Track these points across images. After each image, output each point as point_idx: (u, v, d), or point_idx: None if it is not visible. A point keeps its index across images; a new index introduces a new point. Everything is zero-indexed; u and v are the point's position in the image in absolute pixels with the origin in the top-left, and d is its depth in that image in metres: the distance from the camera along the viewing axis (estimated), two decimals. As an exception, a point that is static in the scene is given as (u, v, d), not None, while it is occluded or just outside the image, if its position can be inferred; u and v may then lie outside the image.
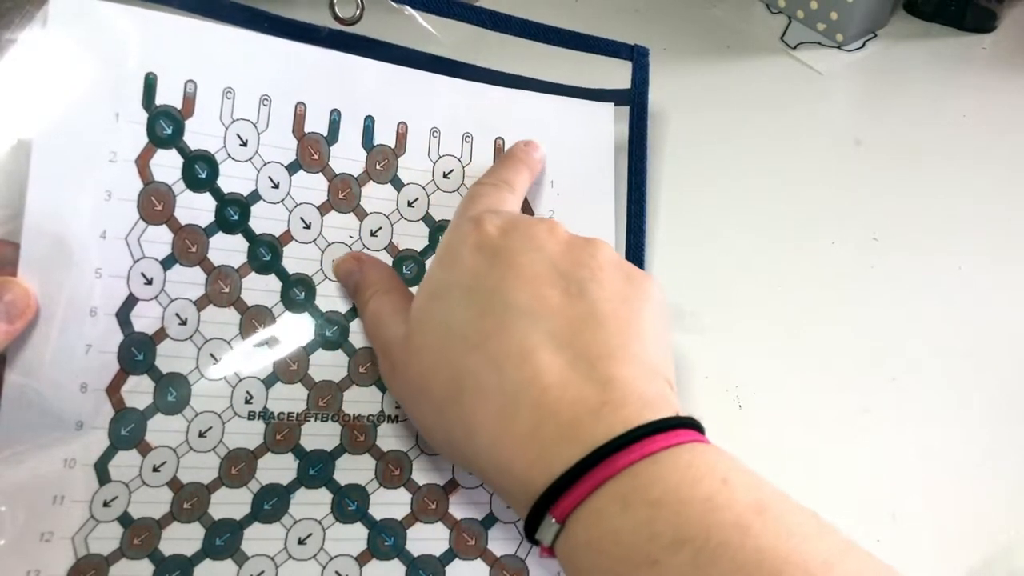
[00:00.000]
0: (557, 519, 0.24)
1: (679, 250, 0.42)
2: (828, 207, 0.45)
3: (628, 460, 0.23)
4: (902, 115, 0.51)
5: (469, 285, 0.28)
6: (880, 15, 0.56)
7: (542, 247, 0.29)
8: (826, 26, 0.55)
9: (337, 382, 0.32)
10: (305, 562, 0.30)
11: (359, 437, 0.31)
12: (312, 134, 0.33)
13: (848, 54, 0.54)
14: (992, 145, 0.49)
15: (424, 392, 0.28)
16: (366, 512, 0.31)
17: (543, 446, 0.25)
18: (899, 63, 0.54)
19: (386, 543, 0.30)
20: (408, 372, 0.29)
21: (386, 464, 0.31)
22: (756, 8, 0.58)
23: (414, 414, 0.29)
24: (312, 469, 0.31)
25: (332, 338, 0.32)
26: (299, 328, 0.32)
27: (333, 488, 0.31)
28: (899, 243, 0.43)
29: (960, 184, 0.46)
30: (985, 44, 0.56)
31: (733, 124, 0.50)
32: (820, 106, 0.52)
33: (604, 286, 0.28)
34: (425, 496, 0.31)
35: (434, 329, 0.28)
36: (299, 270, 0.32)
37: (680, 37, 0.55)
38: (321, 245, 0.32)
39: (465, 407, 0.26)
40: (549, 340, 0.26)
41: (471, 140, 0.35)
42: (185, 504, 0.29)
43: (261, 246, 0.31)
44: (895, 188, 0.46)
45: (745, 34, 0.56)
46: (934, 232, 0.44)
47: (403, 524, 0.31)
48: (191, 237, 0.30)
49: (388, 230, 0.33)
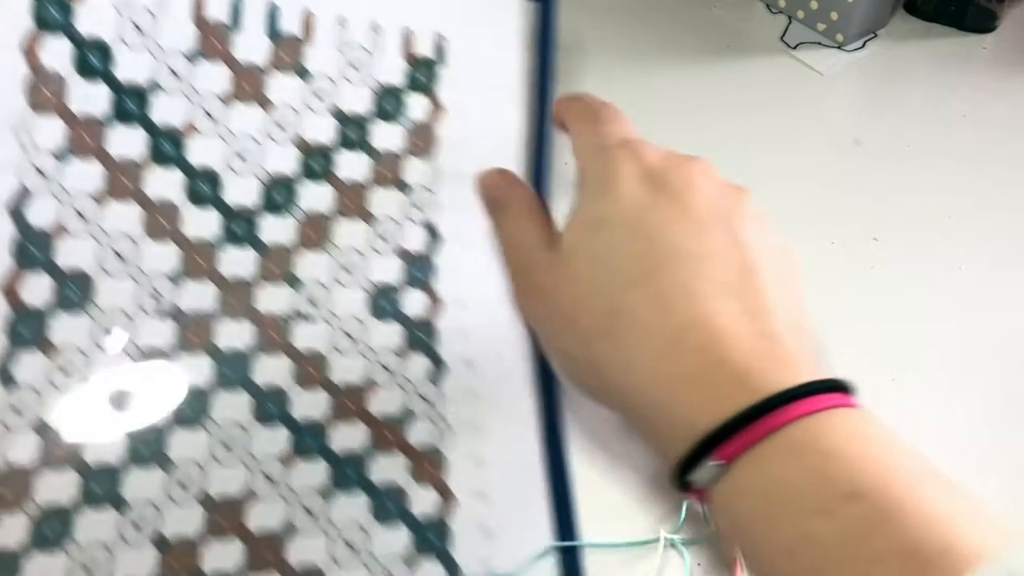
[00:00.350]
0: (724, 461, 0.24)
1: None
2: (828, 207, 0.45)
3: (800, 411, 0.23)
4: (902, 115, 0.51)
5: (632, 219, 0.28)
6: (880, 15, 0.56)
7: (702, 187, 0.28)
8: (826, 26, 0.55)
9: (248, 279, 0.30)
10: (231, 468, 0.29)
11: (274, 337, 0.30)
12: (213, 21, 0.31)
13: (848, 54, 0.54)
14: (992, 145, 0.49)
15: (571, 321, 0.28)
16: (286, 413, 0.30)
17: (711, 388, 0.25)
18: (899, 63, 0.54)
19: (308, 443, 0.30)
20: (554, 298, 0.28)
21: (304, 366, 0.30)
22: (756, 8, 0.58)
23: (552, 340, 0.29)
24: (228, 369, 0.29)
25: (241, 234, 0.30)
26: (206, 223, 0.30)
27: (252, 390, 0.29)
28: (899, 243, 0.43)
29: (960, 184, 0.46)
30: (985, 44, 0.56)
31: (733, 124, 0.50)
32: (820, 106, 0.52)
33: (762, 238, 0.28)
34: (345, 396, 0.30)
35: (591, 260, 0.28)
36: (204, 163, 0.30)
37: (680, 37, 0.55)
38: (226, 137, 0.31)
39: (621, 341, 0.26)
40: (715, 285, 0.26)
41: (379, 31, 0.33)
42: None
43: (162, 138, 0.30)
44: (895, 188, 0.46)
45: (745, 34, 0.56)
46: (934, 232, 0.44)
47: (325, 424, 0.30)
48: (87, 129, 0.29)
49: (296, 123, 0.32)
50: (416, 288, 0.32)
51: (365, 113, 0.33)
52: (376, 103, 0.33)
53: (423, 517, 0.30)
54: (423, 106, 0.33)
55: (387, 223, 0.32)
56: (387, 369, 0.31)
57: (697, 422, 0.24)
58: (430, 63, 0.34)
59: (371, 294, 0.31)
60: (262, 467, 0.29)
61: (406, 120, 0.33)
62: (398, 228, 0.32)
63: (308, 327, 0.30)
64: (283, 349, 0.30)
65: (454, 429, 0.31)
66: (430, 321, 0.32)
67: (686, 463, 0.25)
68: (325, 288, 0.31)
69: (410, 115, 0.33)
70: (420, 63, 0.34)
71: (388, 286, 0.31)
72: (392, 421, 0.30)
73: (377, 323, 0.31)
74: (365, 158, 0.32)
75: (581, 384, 0.29)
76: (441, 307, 0.32)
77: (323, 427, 0.30)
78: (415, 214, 0.33)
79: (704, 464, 0.24)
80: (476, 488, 0.31)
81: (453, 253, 0.33)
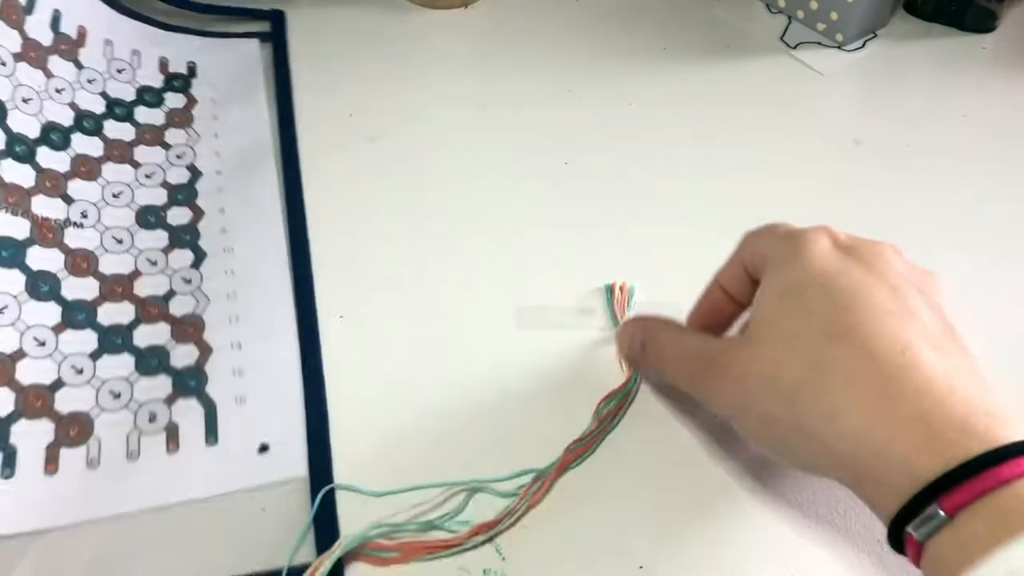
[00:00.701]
0: (946, 512, 0.23)
1: (678, 249, 0.42)
2: (828, 207, 0.45)
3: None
4: (902, 115, 0.51)
5: (825, 283, 0.28)
6: (880, 15, 0.56)
7: (892, 260, 0.30)
8: (826, 26, 0.55)
9: (25, 187, 0.39)
10: (3, 328, 0.35)
11: (47, 235, 0.38)
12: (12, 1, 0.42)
13: (848, 54, 0.54)
14: (992, 145, 0.49)
15: (773, 382, 0.28)
16: (58, 292, 0.37)
17: (935, 430, 0.24)
18: (899, 63, 0.54)
19: (78, 317, 0.37)
20: (750, 367, 0.29)
21: (74, 258, 0.38)
22: (756, 8, 0.58)
23: (750, 410, 0.29)
24: (4, 251, 0.36)
25: (21, 153, 0.39)
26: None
27: (25, 271, 0.37)
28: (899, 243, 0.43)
29: (960, 184, 0.46)
30: (985, 44, 0.56)
31: (733, 124, 0.50)
32: (820, 106, 0.52)
33: (954, 306, 0.29)
34: (112, 283, 0.39)
35: (786, 324, 0.28)
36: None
37: (680, 37, 0.56)
38: (13, 83, 0.41)
39: (827, 387, 0.26)
40: (922, 338, 0.26)
41: (138, 54, 0.48)
42: None
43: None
44: (895, 188, 0.46)
45: (745, 34, 0.56)
46: (934, 232, 0.44)
47: (93, 303, 0.38)
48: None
49: (70, 93, 0.43)
50: (181, 206, 0.43)
51: (128, 100, 0.46)
52: (138, 95, 0.47)
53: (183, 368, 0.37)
54: (180, 99, 0.48)
55: (151, 167, 0.44)
56: (152, 262, 0.40)
57: (921, 465, 0.24)
58: (183, 76, 0.49)
59: (137, 212, 0.42)
60: (33, 333, 0.35)
61: (165, 107, 0.47)
62: (162, 171, 0.44)
63: (79, 231, 0.39)
64: (56, 245, 0.38)
65: (211, 299, 0.39)
66: (194, 226, 0.42)
67: (905, 512, 0.24)
68: (95, 206, 0.41)
69: (169, 104, 0.47)
70: (174, 76, 0.49)
71: (154, 207, 0.42)
72: (157, 299, 0.39)
73: (143, 231, 0.41)
74: (129, 127, 0.45)
75: (784, 447, 0.29)
76: (202, 215, 0.43)
77: (91, 304, 0.38)
78: (177, 162, 0.45)
79: (925, 513, 0.24)
80: (231, 341, 0.38)
81: (211, 182, 0.44)
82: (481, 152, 0.48)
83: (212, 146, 0.46)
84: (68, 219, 0.39)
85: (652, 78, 0.53)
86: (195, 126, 0.47)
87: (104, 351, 0.36)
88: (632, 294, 0.40)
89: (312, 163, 0.46)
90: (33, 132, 0.41)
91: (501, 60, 0.54)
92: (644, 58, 0.54)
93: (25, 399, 0.34)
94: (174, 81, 0.49)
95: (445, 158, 0.47)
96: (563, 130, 0.49)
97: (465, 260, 0.42)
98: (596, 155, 0.48)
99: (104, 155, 0.43)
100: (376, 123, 0.49)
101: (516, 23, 0.56)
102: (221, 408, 0.36)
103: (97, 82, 0.45)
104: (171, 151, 0.45)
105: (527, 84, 0.52)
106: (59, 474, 0.33)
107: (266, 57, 0.52)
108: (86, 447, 0.34)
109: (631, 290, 0.40)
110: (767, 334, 0.29)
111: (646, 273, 0.41)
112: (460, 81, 0.53)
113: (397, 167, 0.46)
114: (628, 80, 0.52)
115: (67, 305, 0.37)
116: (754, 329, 0.30)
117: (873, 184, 0.46)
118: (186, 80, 0.49)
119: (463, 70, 0.53)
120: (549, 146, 0.48)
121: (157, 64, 0.49)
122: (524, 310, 0.40)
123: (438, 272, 0.41)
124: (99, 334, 0.37)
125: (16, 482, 0.32)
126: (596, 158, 0.48)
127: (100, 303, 0.38)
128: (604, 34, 0.56)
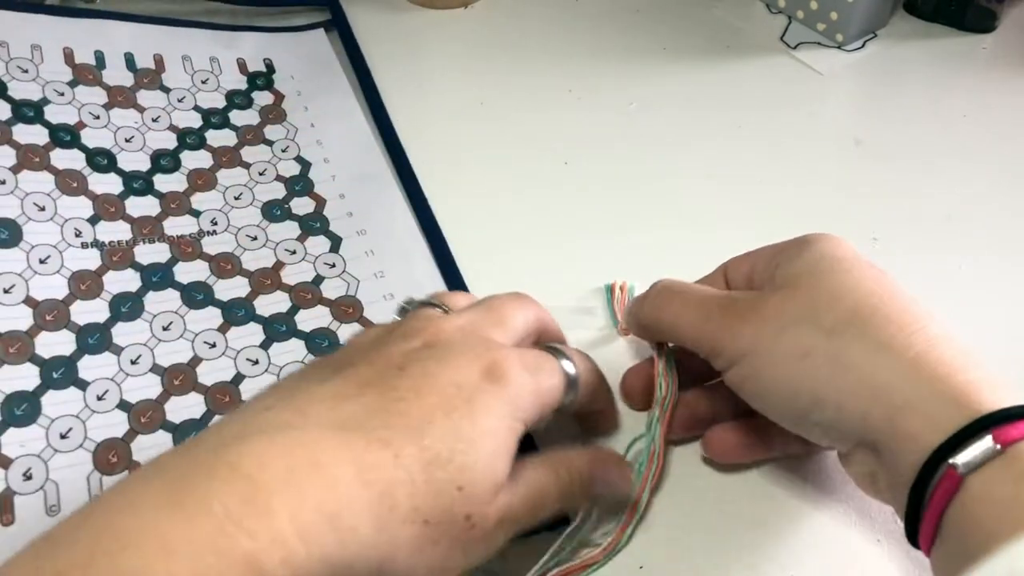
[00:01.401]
0: (1000, 443, 0.23)
1: (678, 249, 0.42)
2: (828, 207, 0.45)
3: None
4: (902, 115, 0.51)
5: (858, 255, 0.30)
6: (880, 15, 0.56)
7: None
8: (826, 26, 0.55)
9: (153, 216, 0.42)
10: (173, 342, 0.38)
11: (186, 250, 0.41)
12: (82, 64, 0.46)
13: (848, 54, 0.54)
14: (992, 145, 0.49)
15: (810, 318, 0.28)
16: (213, 297, 0.40)
17: (986, 370, 0.25)
18: (899, 63, 0.54)
19: (238, 314, 0.39)
20: (785, 305, 0.29)
21: (218, 263, 0.41)
22: (756, 8, 0.58)
23: (774, 347, 0.29)
24: (154, 277, 0.40)
25: (139, 188, 0.43)
26: (110, 184, 0.43)
27: (177, 287, 0.40)
28: (899, 243, 0.43)
29: (960, 184, 0.46)
30: (985, 44, 0.56)
31: (733, 124, 0.50)
32: (820, 106, 0.52)
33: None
34: (259, 277, 0.41)
35: (827, 277, 0.29)
36: (99, 144, 0.44)
37: (680, 37, 0.56)
38: (111, 129, 0.45)
39: (877, 324, 0.27)
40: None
41: (216, 61, 0.50)
42: (48, 316, 0.37)
43: (61, 131, 0.43)
44: (895, 188, 0.46)
45: (745, 34, 0.56)
46: (934, 232, 0.44)
47: (247, 298, 0.40)
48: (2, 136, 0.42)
49: (167, 118, 0.47)
50: (301, 196, 0.45)
51: (220, 107, 0.48)
52: (228, 100, 0.49)
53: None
54: (267, 97, 0.50)
55: (262, 165, 0.46)
56: (291, 252, 0.42)
57: (971, 397, 0.24)
58: (264, 74, 0.51)
59: (261, 208, 0.44)
60: (203, 338, 0.38)
61: (256, 106, 0.49)
62: (273, 167, 0.46)
63: (214, 239, 0.42)
64: (197, 257, 0.41)
65: (360, 280, 0.41)
66: (320, 213, 0.44)
67: (948, 445, 0.24)
68: (221, 212, 0.43)
69: (259, 102, 0.49)
70: (256, 75, 0.51)
71: (276, 200, 0.44)
72: (308, 285, 0.41)
73: (273, 224, 0.43)
74: (229, 132, 0.47)
75: (802, 385, 0.28)
76: (324, 203, 0.45)
77: (246, 300, 0.40)
78: (284, 155, 0.47)
79: (973, 444, 0.23)
80: (391, 318, 0.36)
81: (322, 170, 0.46)
82: (481, 152, 0.48)
83: (312, 136, 0.48)
84: (201, 230, 0.42)
85: (652, 78, 0.53)
86: (290, 119, 0.49)
87: (272, 340, 0.39)
88: (632, 294, 0.40)
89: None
90: (144, 165, 0.44)
91: (501, 60, 0.54)
92: (644, 58, 0.54)
93: (213, 399, 0.36)
94: (257, 80, 0.50)
95: (445, 158, 0.47)
96: (563, 130, 0.49)
97: (464, 260, 0.42)
98: (596, 155, 0.48)
99: (215, 163, 0.46)
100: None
101: (516, 23, 0.56)
102: None
103: (187, 99, 0.48)
104: (275, 146, 0.47)
105: (527, 84, 0.52)
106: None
107: (335, 44, 0.54)
108: None
109: (631, 290, 0.40)
110: (804, 282, 0.29)
111: (646, 273, 0.41)
112: (460, 81, 0.53)
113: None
114: (628, 80, 0.52)
115: (224, 306, 0.39)
116: (789, 279, 0.30)
117: (873, 184, 0.46)
118: (267, 77, 0.51)
119: (462, 70, 0.53)
120: (549, 146, 0.48)
121: (236, 66, 0.51)
122: (524, 310, 0.40)
123: (438, 272, 0.41)
124: (263, 325, 0.39)
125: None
126: (596, 158, 0.48)
127: (254, 296, 0.40)
128: (604, 34, 0.56)
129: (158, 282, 0.40)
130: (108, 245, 0.40)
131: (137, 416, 0.35)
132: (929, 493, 0.24)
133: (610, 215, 0.44)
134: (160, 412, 0.36)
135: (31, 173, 0.41)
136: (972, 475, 0.23)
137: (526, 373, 0.28)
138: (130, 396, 0.36)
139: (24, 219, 0.39)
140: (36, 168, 0.41)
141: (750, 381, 0.29)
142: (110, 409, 0.35)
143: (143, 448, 0.34)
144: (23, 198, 0.40)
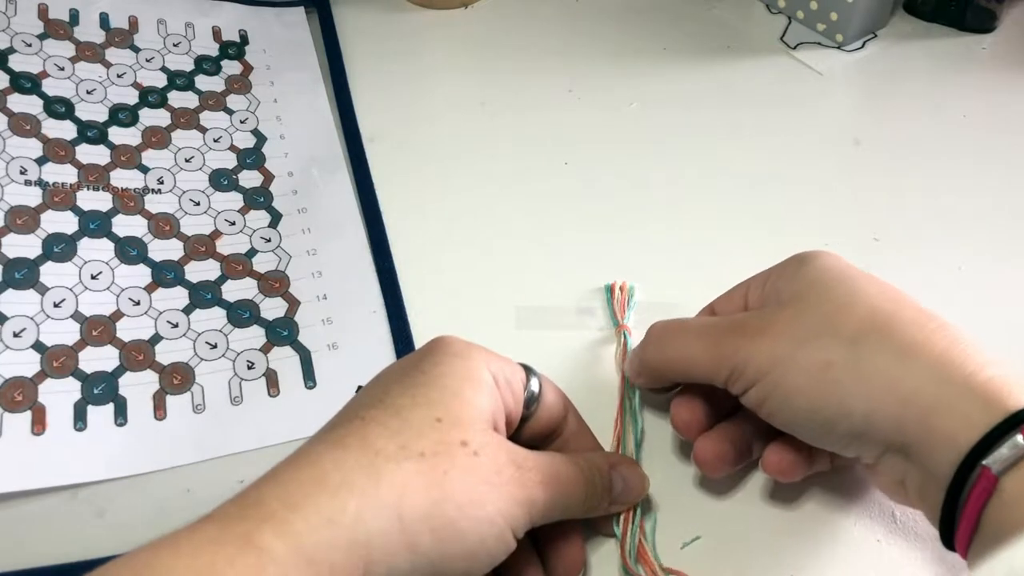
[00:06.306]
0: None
1: (678, 249, 0.42)
2: (828, 207, 0.45)
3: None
4: (902, 115, 0.51)
5: (860, 272, 0.31)
6: (880, 15, 0.56)
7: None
8: (826, 26, 0.55)
9: (101, 164, 0.42)
10: (99, 292, 0.38)
11: (129, 203, 0.41)
12: (55, 19, 0.47)
13: (848, 54, 0.54)
14: (992, 145, 0.49)
15: (828, 331, 0.28)
16: (146, 255, 0.40)
17: (1002, 366, 0.25)
18: (899, 63, 0.54)
19: (168, 276, 0.40)
20: (799, 320, 0.29)
21: (157, 222, 0.41)
22: (756, 8, 0.58)
23: (793, 363, 0.28)
24: (92, 224, 0.40)
25: (93, 136, 0.43)
26: (64, 130, 0.43)
27: (113, 239, 0.40)
28: (899, 243, 0.43)
29: (960, 184, 0.46)
30: (985, 44, 0.56)
31: (733, 124, 0.50)
32: (820, 106, 0.52)
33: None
34: (195, 242, 0.41)
35: (836, 288, 0.29)
36: (59, 94, 0.44)
37: (680, 37, 0.55)
38: (74, 81, 0.45)
39: (899, 330, 0.27)
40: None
41: (191, 27, 0.50)
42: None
43: (22, 79, 0.44)
44: (895, 188, 0.46)
45: (745, 34, 0.56)
46: (934, 232, 0.44)
47: (179, 262, 0.40)
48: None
49: (132, 75, 0.47)
50: (251, 170, 0.45)
51: (187, 70, 0.49)
52: (196, 64, 0.49)
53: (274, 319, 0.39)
54: (236, 66, 0.50)
55: (218, 132, 0.46)
56: (231, 223, 0.42)
57: (1000, 395, 0.24)
58: (236, 44, 0.51)
59: (209, 175, 0.44)
60: (128, 294, 0.38)
61: (223, 74, 0.49)
62: (229, 136, 0.46)
63: (157, 196, 0.42)
64: (138, 212, 0.41)
65: (292, 256, 0.42)
66: (266, 188, 0.45)
67: (982, 445, 0.24)
68: (170, 172, 0.44)
69: (226, 71, 0.50)
70: (228, 44, 0.51)
71: (225, 170, 0.45)
72: (240, 257, 0.41)
73: (218, 193, 0.44)
74: (192, 94, 0.48)
75: (828, 399, 0.28)
76: (272, 179, 0.45)
77: (178, 263, 0.40)
78: (242, 126, 0.47)
79: (1005, 443, 0.24)
80: (317, 294, 0.40)
81: (276, 146, 0.47)
82: (481, 152, 0.48)
83: (273, 111, 0.48)
84: (146, 187, 0.43)
85: (652, 78, 0.53)
86: (254, 92, 0.49)
87: (196, 306, 0.39)
88: (632, 294, 0.40)
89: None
90: (102, 116, 0.44)
91: (501, 60, 0.54)
92: (644, 58, 0.54)
93: (128, 354, 0.37)
94: (228, 49, 0.51)
95: (445, 157, 0.47)
96: (563, 130, 0.49)
97: (464, 260, 0.42)
98: (596, 155, 0.48)
99: (172, 123, 0.46)
100: (374, 122, 0.49)
101: (516, 23, 0.56)
102: (315, 354, 0.38)
103: (156, 59, 0.48)
104: (234, 116, 0.47)
105: (527, 84, 0.52)
106: (167, 419, 0.35)
107: (314, 26, 0.54)
108: (190, 393, 0.36)
109: (631, 290, 0.40)
110: (812, 295, 0.29)
111: (646, 273, 0.41)
112: (460, 81, 0.53)
113: (396, 165, 0.47)
114: (628, 80, 0.52)
115: (155, 266, 0.40)
116: (796, 294, 0.30)
117: (873, 184, 0.46)
118: (239, 48, 0.51)
119: (463, 70, 0.53)
120: (549, 146, 0.48)
121: (210, 34, 0.51)
122: (524, 310, 0.40)
123: (437, 272, 0.41)
124: (189, 290, 0.40)
125: (129, 429, 0.35)
126: (596, 158, 0.48)
127: (186, 262, 0.41)
128: (604, 34, 0.56)
129: (95, 229, 0.40)
130: (51, 185, 0.40)
131: (50, 359, 0.35)
132: (965, 494, 0.25)
133: (610, 215, 0.44)
134: (73, 359, 0.36)
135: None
136: (1006, 475, 0.24)
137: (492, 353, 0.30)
138: (47, 339, 0.36)
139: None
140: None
141: (772, 399, 0.29)
142: (24, 348, 0.35)
143: (50, 391, 0.35)
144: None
